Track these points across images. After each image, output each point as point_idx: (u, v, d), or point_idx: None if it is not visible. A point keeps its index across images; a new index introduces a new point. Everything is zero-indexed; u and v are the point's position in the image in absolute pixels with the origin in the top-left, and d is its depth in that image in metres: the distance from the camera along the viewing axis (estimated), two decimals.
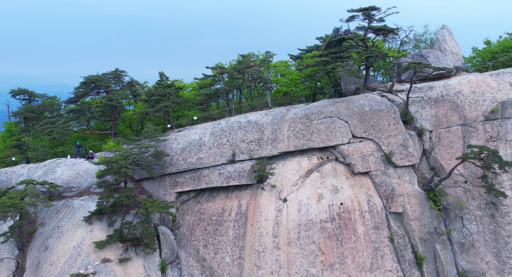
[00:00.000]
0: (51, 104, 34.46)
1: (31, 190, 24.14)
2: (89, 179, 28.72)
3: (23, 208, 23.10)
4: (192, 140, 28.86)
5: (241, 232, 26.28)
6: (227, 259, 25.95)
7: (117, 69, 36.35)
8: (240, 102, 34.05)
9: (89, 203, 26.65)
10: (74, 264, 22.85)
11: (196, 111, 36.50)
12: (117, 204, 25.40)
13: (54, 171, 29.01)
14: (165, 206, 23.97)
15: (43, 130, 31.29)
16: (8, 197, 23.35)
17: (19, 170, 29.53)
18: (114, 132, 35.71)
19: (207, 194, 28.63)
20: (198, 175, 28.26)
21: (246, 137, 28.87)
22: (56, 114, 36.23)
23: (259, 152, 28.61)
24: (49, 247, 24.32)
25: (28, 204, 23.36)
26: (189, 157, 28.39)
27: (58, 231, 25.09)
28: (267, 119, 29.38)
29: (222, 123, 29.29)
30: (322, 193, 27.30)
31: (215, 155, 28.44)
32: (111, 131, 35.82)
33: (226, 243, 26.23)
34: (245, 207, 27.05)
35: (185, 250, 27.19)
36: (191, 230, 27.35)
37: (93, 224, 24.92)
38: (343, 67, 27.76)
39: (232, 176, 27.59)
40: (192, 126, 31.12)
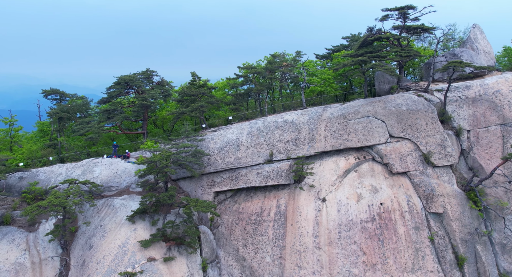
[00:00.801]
0: (84, 104, 34.74)
1: (75, 190, 24.38)
2: (127, 178, 28.93)
3: (70, 207, 23.33)
4: (229, 140, 28.92)
5: (281, 232, 26.29)
6: (268, 258, 25.98)
7: (147, 69, 36.54)
8: (273, 102, 33.99)
9: (129, 203, 26.85)
10: (121, 263, 23.05)
11: (226, 111, 36.59)
12: (159, 203, 25.55)
13: (92, 171, 29.27)
14: (209, 205, 24.05)
15: (78, 130, 31.58)
16: (54, 196, 23.61)
17: (57, 169, 29.84)
18: (145, 132, 35.96)
19: (245, 194, 28.68)
20: (236, 175, 28.32)
21: (283, 137, 28.87)
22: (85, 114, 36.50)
23: (296, 152, 28.59)
24: (94, 246, 24.55)
25: (75, 203, 23.59)
26: (227, 157, 28.46)
27: (101, 230, 25.32)
28: (304, 119, 29.35)
29: (259, 123, 29.31)
30: (361, 193, 27.21)
31: (253, 154, 28.48)
32: (142, 131, 36.08)
33: (266, 243, 26.26)
34: (284, 207, 27.05)
35: (224, 250, 27.28)
36: (230, 229, 27.43)
37: (136, 223, 25.11)
38: (382, 67, 27.60)
39: (270, 176, 27.60)
40: (228, 126, 31.16)
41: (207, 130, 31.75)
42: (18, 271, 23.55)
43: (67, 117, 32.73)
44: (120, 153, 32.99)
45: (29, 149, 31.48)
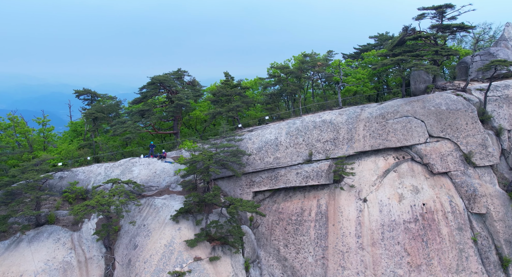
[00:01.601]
0: (117, 104, 34.96)
1: (121, 189, 24.55)
2: (167, 178, 29.06)
3: (117, 207, 23.48)
4: (268, 140, 28.91)
5: (323, 232, 26.22)
6: (310, 259, 25.93)
7: (179, 69, 36.67)
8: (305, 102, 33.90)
9: (171, 202, 26.97)
10: (168, 262, 23.16)
11: (257, 111, 36.57)
12: (202, 203, 25.62)
13: (131, 171, 29.45)
14: (254, 206, 24.05)
15: (115, 130, 31.78)
16: (101, 196, 23.80)
17: (96, 169, 30.06)
18: (176, 132, 36.09)
19: (283, 194, 28.65)
20: (275, 175, 28.30)
21: (321, 137, 28.78)
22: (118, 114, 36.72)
23: (335, 152, 28.49)
24: (139, 245, 24.70)
25: (121, 203, 23.75)
26: (266, 157, 28.45)
27: (144, 229, 25.46)
28: (342, 119, 29.23)
29: (297, 123, 29.25)
30: (403, 193, 27.03)
31: (292, 154, 28.43)
32: (173, 130, 36.21)
33: (308, 243, 26.21)
34: (324, 207, 26.97)
35: (265, 250, 27.29)
36: (271, 229, 27.43)
37: (180, 222, 25.21)
38: (423, 66, 27.36)
39: (310, 176, 27.53)
40: (264, 126, 31.14)
41: (242, 130, 31.77)
42: (66, 269, 23.78)
43: (102, 117, 32.95)
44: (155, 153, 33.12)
45: (66, 149, 31.74)
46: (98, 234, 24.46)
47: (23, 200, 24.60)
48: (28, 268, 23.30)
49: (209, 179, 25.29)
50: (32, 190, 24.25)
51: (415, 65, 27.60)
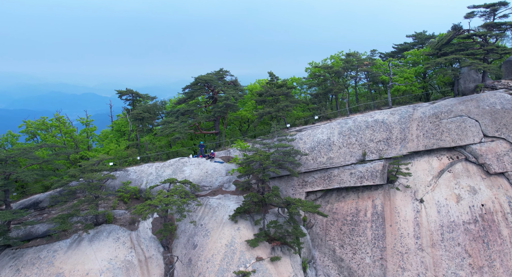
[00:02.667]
0: (162, 103, 35.15)
1: (180, 189, 24.68)
2: (219, 178, 29.15)
3: (179, 206, 23.60)
4: (320, 140, 28.80)
5: (380, 233, 26.04)
6: (367, 260, 25.79)
7: (221, 69, 36.75)
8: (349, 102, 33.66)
9: (226, 202, 27.05)
10: (231, 262, 23.23)
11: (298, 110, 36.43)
12: (259, 203, 25.62)
13: (182, 171, 29.61)
14: (314, 206, 23.97)
15: (162, 130, 31.96)
16: (162, 195, 23.95)
17: (147, 169, 30.30)
18: (217, 132, 36.18)
19: (336, 194, 28.53)
20: (328, 175, 28.19)
21: (374, 137, 28.58)
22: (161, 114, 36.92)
23: (388, 152, 28.27)
24: (198, 245, 24.83)
25: (183, 203, 23.87)
26: (319, 157, 28.35)
27: (202, 229, 25.58)
28: (394, 119, 28.98)
29: (350, 123, 29.09)
30: (460, 194, 26.70)
31: (345, 154, 28.29)
32: (214, 130, 36.30)
33: (365, 244, 26.07)
34: (380, 207, 26.79)
35: (320, 250, 27.22)
36: (325, 230, 27.35)
37: (239, 222, 25.26)
38: (481, 65, 26.98)
39: (365, 176, 27.36)
40: (313, 126, 31.03)
41: (290, 130, 31.69)
42: (128, 268, 24.00)
43: (148, 117, 33.18)
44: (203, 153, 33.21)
45: (114, 149, 32.03)
46: (160, 233, 24.64)
47: (85, 199, 24.89)
48: (93, 266, 23.57)
49: (268, 179, 25.26)
50: (95, 189, 24.51)
51: (472, 64, 27.21)
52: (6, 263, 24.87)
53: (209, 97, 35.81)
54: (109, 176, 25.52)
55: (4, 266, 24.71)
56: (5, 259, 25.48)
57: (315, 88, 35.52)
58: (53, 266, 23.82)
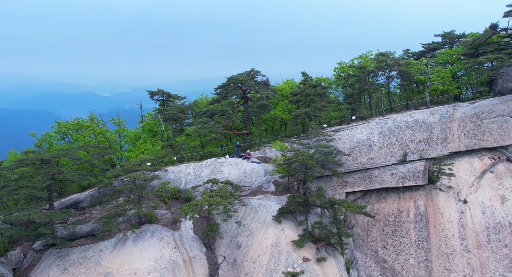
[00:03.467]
0: (195, 104, 35.23)
1: (225, 190, 24.72)
2: (258, 178, 29.15)
3: (226, 206, 23.64)
4: (360, 140, 28.66)
5: (424, 234, 25.84)
6: (412, 261, 25.60)
7: (252, 69, 36.74)
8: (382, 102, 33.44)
9: (267, 202, 27.04)
10: (278, 262, 23.22)
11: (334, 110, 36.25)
12: (303, 203, 25.56)
13: (220, 171, 29.66)
14: (360, 207, 23.86)
15: (197, 130, 32.03)
16: (208, 196, 24.01)
17: (184, 169, 30.40)
18: (248, 132, 36.19)
19: (375, 194, 28.38)
20: (369, 175, 28.04)
21: (414, 137, 28.36)
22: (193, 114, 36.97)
23: (429, 152, 28.03)
24: (242, 245, 24.85)
25: (229, 203, 23.91)
26: (359, 157, 28.22)
27: (245, 229, 25.60)
28: (434, 119, 28.72)
29: (389, 123, 28.90)
30: (504, 194, 26.40)
31: (386, 155, 28.11)
32: (245, 131, 36.31)
33: (408, 245, 25.89)
34: (423, 208, 26.59)
35: (361, 251, 27.10)
36: (367, 230, 27.22)
37: (283, 223, 25.24)
38: None
39: (406, 177, 27.16)
40: (350, 126, 30.90)
41: (326, 130, 31.57)
42: (174, 268, 24.10)
43: (183, 117, 33.26)
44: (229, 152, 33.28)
45: (150, 149, 32.19)
46: (206, 234, 24.72)
47: (131, 199, 25.05)
48: (140, 266, 23.70)
49: (313, 180, 25.21)
50: (140, 189, 24.65)
51: None
52: (52, 262, 25.13)
53: (241, 97, 35.82)
54: (154, 176, 25.65)
55: (50, 265, 24.97)
56: (51, 258, 25.75)
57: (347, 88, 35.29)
58: (100, 265, 24.01)
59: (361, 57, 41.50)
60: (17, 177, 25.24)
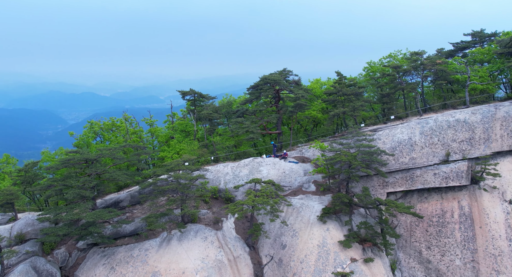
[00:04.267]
0: (228, 104, 35.25)
1: (269, 190, 24.70)
2: (298, 178, 29.09)
3: (272, 206, 23.61)
4: (401, 140, 28.46)
5: (470, 235, 25.59)
6: (457, 262, 25.37)
7: (284, 69, 36.68)
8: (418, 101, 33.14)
9: (309, 202, 26.98)
10: (327, 263, 23.14)
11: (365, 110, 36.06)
12: (347, 203, 25.45)
13: (259, 170, 29.64)
14: (408, 207, 23.70)
15: (232, 130, 32.03)
16: (254, 195, 24.01)
17: (222, 169, 30.44)
18: (280, 132, 36.14)
19: (417, 195, 28.16)
20: (410, 175, 27.83)
21: (456, 137, 28.09)
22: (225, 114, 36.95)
23: (471, 152, 27.75)
24: (287, 245, 24.82)
25: (275, 203, 23.88)
26: (401, 157, 28.03)
27: (289, 229, 25.55)
28: (476, 118, 28.41)
29: (431, 122, 28.66)
30: None
31: (428, 155, 27.88)
32: (277, 130, 36.27)
33: (454, 246, 25.66)
34: (467, 208, 26.33)
35: (404, 251, 26.92)
36: (410, 231, 27.03)
37: (327, 223, 25.16)
38: None
39: (450, 177, 26.91)
40: (389, 125, 30.71)
41: (362, 130, 31.40)
42: (220, 268, 24.15)
43: (217, 117, 33.32)
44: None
45: (186, 149, 32.28)
46: (252, 234, 24.73)
47: (176, 199, 25.15)
48: (188, 265, 23.77)
49: (359, 180, 25.09)
50: (186, 189, 24.73)
51: None
52: (98, 261, 25.32)
53: (273, 97, 35.77)
54: (199, 176, 25.72)
55: (96, 264, 25.16)
56: (96, 257, 25.95)
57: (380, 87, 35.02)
58: (147, 264, 24.13)
59: (390, 56, 41.25)
60: (62, 176, 25.44)
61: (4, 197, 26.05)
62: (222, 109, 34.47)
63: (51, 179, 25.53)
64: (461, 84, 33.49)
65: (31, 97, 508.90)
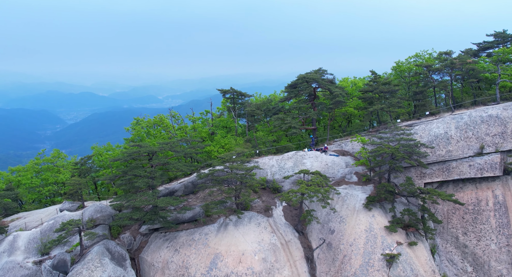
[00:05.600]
0: (269, 101, 37.51)
1: (319, 179, 26.91)
2: (340, 170, 31.29)
3: (323, 194, 25.83)
4: (437, 134, 30.51)
5: (504, 221, 27.60)
6: (493, 246, 27.41)
7: (320, 68, 38.81)
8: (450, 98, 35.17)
9: (353, 192, 29.14)
10: (375, 245, 25.34)
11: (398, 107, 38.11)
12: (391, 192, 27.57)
13: (303, 163, 31.85)
14: (449, 195, 25.81)
15: (275, 125, 34.25)
16: (306, 184, 26.23)
17: (268, 161, 32.71)
18: (315, 128, 38.32)
19: (452, 185, 30.20)
20: (447, 167, 29.88)
21: (489, 131, 30.07)
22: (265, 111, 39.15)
23: (504, 145, 29.69)
24: (335, 230, 27.03)
25: (326, 191, 26.10)
26: (438, 150, 30.08)
27: (336, 216, 27.76)
28: (508, 114, 30.34)
29: (465, 118, 30.68)
30: None
31: (463, 148, 29.91)
32: (312, 126, 38.46)
33: (489, 231, 27.69)
34: (501, 197, 28.32)
35: (441, 237, 29.00)
36: (447, 218, 29.09)
37: (372, 210, 27.34)
38: None
39: (484, 168, 28.92)
40: (423, 121, 32.78)
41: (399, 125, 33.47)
42: (274, 250, 26.43)
43: (259, 113, 35.60)
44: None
45: (231, 143, 34.59)
46: (304, 219, 26.98)
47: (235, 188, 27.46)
48: (246, 248, 26.09)
49: (403, 170, 27.23)
50: (242, 178, 27.03)
51: None
52: (161, 244, 27.71)
53: (309, 94, 37.94)
54: (255, 167, 28.00)
55: (160, 246, 27.56)
56: (158, 241, 28.35)
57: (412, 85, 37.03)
58: (209, 247, 26.48)
59: (417, 56, 43.19)
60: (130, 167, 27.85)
61: (74, 186, 28.59)
62: (263, 106, 36.73)
63: (120, 169, 27.95)
64: (489, 82, 35.41)
65: (29, 97, 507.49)
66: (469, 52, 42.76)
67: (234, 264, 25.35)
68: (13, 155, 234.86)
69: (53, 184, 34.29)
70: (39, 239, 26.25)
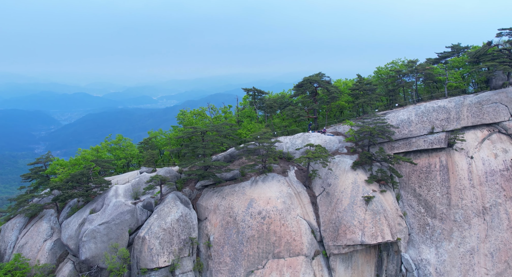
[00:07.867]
0: (283, 97, 50.06)
1: (321, 149, 39.47)
2: (335, 145, 43.97)
3: (325, 158, 38.36)
4: (402, 119, 43.37)
5: (445, 178, 40.56)
6: (438, 194, 40.36)
7: (319, 72, 51.41)
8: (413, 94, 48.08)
9: (343, 159, 41.81)
10: (358, 192, 38.03)
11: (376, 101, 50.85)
12: (369, 158, 40.23)
13: (308, 140, 44.42)
14: (407, 159, 38.61)
15: (287, 115, 46.77)
16: (312, 152, 38.77)
17: (283, 139, 45.24)
18: (315, 117, 50.99)
19: (413, 154, 43.07)
20: (409, 142, 42.75)
21: (438, 117, 43.02)
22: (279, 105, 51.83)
23: (448, 127, 42.68)
24: (331, 183, 39.68)
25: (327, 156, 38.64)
26: (403, 130, 42.92)
27: (331, 174, 40.39)
28: (451, 105, 43.36)
29: (422, 108, 43.60)
30: (496, 153, 41.09)
31: (420, 128, 42.80)
32: (313, 115, 51.10)
33: (435, 184, 40.60)
34: (445, 162, 41.30)
35: (404, 190, 41.88)
36: (408, 177, 41.98)
37: (356, 170, 40.06)
38: (509, 69, 41.14)
39: (434, 142, 41.84)
40: (393, 111, 45.65)
41: (377, 113, 46.26)
42: (290, 197, 38.92)
43: (275, 106, 48.19)
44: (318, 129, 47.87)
45: (255, 127, 47.06)
46: (310, 176, 39.55)
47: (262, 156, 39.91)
48: (271, 195, 38.58)
49: (378, 142, 39.97)
50: (269, 149, 39.50)
51: (504, 69, 41.42)
52: (212, 195, 40.02)
53: (311, 91, 50.54)
54: (277, 141, 40.51)
55: (211, 196, 39.86)
56: (209, 193, 40.67)
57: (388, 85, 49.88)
58: (245, 195, 38.87)
59: (393, 62, 56.10)
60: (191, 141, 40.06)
61: (150, 156, 40.78)
62: (278, 100, 49.26)
63: (181, 142, 40.18)
64: (441, 82, 48.45)
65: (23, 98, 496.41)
66: (430, 60, 55.81)
67: (264, 205, 37.82)
68: (9, 155, 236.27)
69: (123, 158, 46.37)
70: (132, 189, 38.41)
